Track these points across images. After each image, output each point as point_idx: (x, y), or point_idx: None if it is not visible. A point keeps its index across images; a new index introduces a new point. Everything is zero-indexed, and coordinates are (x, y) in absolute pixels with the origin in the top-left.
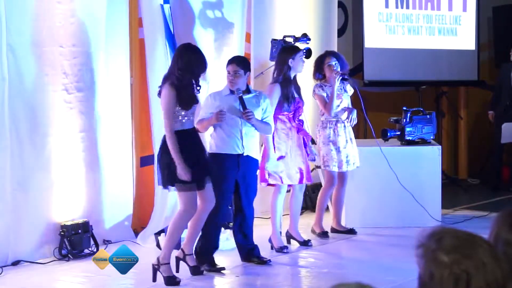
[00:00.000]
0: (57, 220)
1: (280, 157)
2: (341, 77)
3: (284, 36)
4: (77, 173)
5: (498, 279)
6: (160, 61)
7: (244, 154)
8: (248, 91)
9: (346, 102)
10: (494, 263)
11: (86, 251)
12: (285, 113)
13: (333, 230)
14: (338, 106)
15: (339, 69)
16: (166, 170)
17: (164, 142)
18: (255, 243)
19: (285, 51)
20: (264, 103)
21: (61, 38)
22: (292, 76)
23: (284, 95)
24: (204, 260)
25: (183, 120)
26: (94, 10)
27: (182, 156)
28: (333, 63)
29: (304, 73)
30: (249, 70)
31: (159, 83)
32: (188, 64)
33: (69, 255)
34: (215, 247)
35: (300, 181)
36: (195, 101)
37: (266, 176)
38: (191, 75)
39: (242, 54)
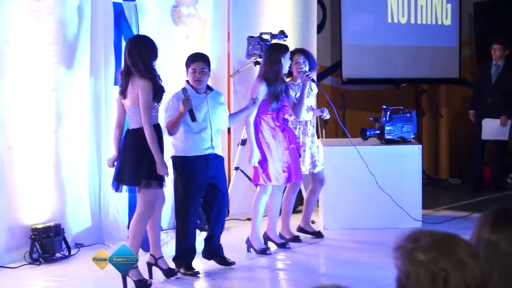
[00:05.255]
0: (28, 223)
1: (262, 160)
2: (310, 80)
3: (261, 33)
4: (48, 175)
5: (476, 277)
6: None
7: (213, 153)
8: (209, 88)
9: (312, 101)
10: (472, 262)
11: (58, 255)
12: (270, 112)
13: (300, 230)
14: (308, 106)
15: (306, 68)
16: (137, 166)
17: (132, 138)
18: (231, 244)
19: (276, 49)
20: (223, 98)
21: (36, 36)
22: (282, 74)
23: (273, 94)
24: (181, 263)
25: (153, 114)
26: (71, 7)
27: (149, 152)
28: (301, 61)
29: None
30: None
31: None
32: (139, 55)
33: (40, 259)
34: (193, 250)
35: (288, 181)
36: (163, 90)
37: (261, 177)
38: (144, 65)
39: (225, 54)
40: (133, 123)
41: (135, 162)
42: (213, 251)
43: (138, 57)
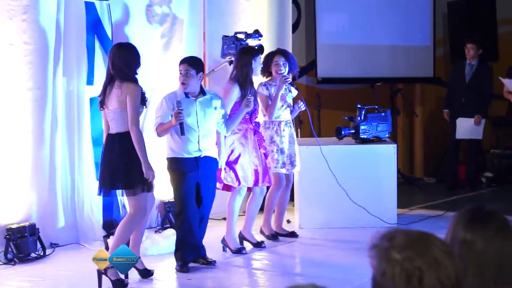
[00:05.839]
0: (2, 223)
1: (232, 162)
2: (286, 82)
3: (236, 33)
4: (23, 175)
5: (451, 276)
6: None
7: (202, 156)
8: (203, 92)
9: (290, 101)
10: (447, 260)
11: (33, 254)
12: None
13: (275, 233)
14: (282, 106)
15: (286, 70)
16: (129, 171)
17: (119, 142)
18: (207, 244)
19: (247, 52)
20: (220, 105)
21: (11, 35)
22: (251, 77)
23: (244, 97)
24: (179, 257)
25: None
26: (46, 7)
27: (135, 156)
28: (281, 62)
29: None
30: (202, 71)
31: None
32: (124, 62)
33: (15, 259)
34: (190, 244)
35: (256, 184)
36: (145, 98)
37: (222, 176)
38: (131, 72)
39: (201, 53)
40: (118, 127)
41: (126, 166)
42: (197, 250)
43: (124, 64)
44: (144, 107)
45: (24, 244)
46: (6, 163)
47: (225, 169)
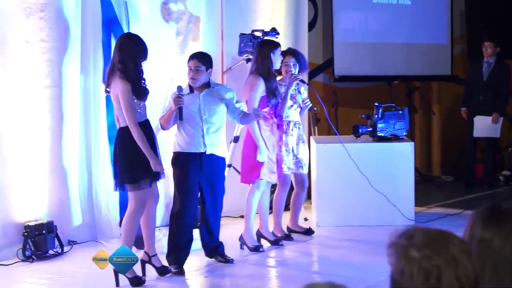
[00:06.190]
0: (20, 221)
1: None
2: (297, 81)
3: (253, 30)
4: (41, 172)
5: (469, 274)
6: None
7: (207, 153)
8: (208, 85)
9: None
10: (465, 259)
11: (51, 252)
12: (267, 108)
13: (290, 230)
14: (292, 106)
15: (296, 71)
16: (130, 166)
17: (121, 137)
18: (224, 241)
19: (265, 45)
20: (231, 94)
21: (28, 33)
22: (273, 70)
23: (270, 90)
24: (172, 261)
25: (139, 111)
26: (63, 4)
27: (139, 149)
28: (291, 63)
29: None
30: (211, 66)
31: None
32: (130, 53)
33: (33, 256)
34: (185, 247)
35: (279, 177)
36: (147, 91)
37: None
38: (134, 64)
39: (218, 51)
40: (119, 122)
41: (126, 160)
42: (214, 248)
43: (128, 55)
44: (141, 99)
45: (42, 242)
46: (24, 161)
47: (246, 165)
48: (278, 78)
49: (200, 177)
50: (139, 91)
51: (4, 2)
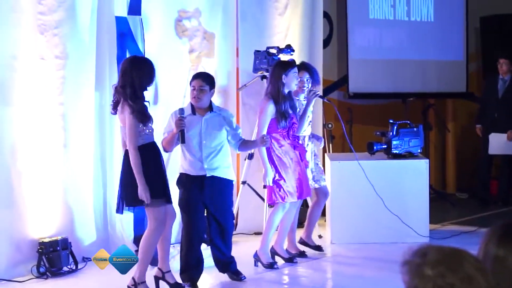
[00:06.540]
0: (35, 237)
1: (276, 179)
2: (317, 97)
3: (268, 48)
4: (56, 189)
5: None
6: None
7: (207, 175)
8: (210, 108)
9: (311, 116)
10: (479, 277)
11: (65, 268)
12: (280, 130)
13: (302, 242)
14: (311, 122)
15: (310, 85)
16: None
17: (128, 160)
18: (238, 258)
19: (278, 66)
20: (232, 120)
21: (43, 50)
22: (286, 92)
23: (280, 113)
24: (186, 278)
25: (147, 132)
26: (78, 21)
27: (150, 170)
28: (305, 79)
29: None
30: (214, 87)
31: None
32: (131, 78)
33: (47, 273)
34: (197, 264)
35: (300, 197)
36: (149, 116)
37: (277, 195)
38: (133, 90)
39: (234, 68)
40: (127, 144)
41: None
42: (226, 264)
43: (128, 81)
44: (145, 124)
45: (57, 258)
46: (39, 177)
47: (270, 187)
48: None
49: (203, 198)
50: (145, 114)
51: (19, 19)
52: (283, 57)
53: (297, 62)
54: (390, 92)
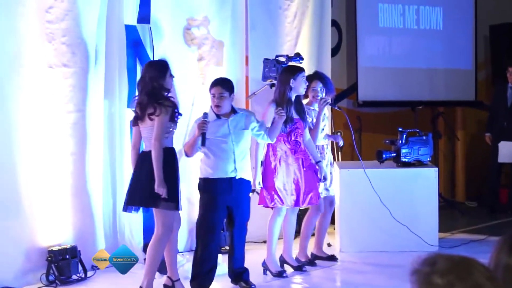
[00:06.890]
0: (44, 245)
1: (269, 182)
2: (328, 105)
3: (277, 56)
4: (65, 197)
5: None
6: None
7: (237, 177)
8: (233, 110)
9: (326, 124)
10: (489, 285)
11: (74, 277)
12: (280, 134)
13: (314, 257)
14: (322, 130)
15: (323, 95)
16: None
17: (150, 160)
18: (248, 266)
19: (287, 71)
20: (253, 117)
21: (51, 58)
22: (293, 96)
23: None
24: (196, 286)
25: (172, 131)
26: (86, 29)
27: (166, 173)
28: (318, 88)
29: None
30: (233, 91)
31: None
32: (150, 78)
33: (56, 281)
34: (209, 273)
35: (296, 204)
36: (177, 108)
37: (267, 197)
38: (160, 88)
39: (243, 77)
40: (150, 145)
41: (152, 183)
42: (238, 274)
43: (148, 82)
44: (174, 123)
45: (66, 266)
46: (48, 186)
47: (262, 189)
48: (305, 101)
49: (228, 200)
50: (173, 114)
51: (26, 27)
52: None
53: (306, 71)
54: (399, 100)
